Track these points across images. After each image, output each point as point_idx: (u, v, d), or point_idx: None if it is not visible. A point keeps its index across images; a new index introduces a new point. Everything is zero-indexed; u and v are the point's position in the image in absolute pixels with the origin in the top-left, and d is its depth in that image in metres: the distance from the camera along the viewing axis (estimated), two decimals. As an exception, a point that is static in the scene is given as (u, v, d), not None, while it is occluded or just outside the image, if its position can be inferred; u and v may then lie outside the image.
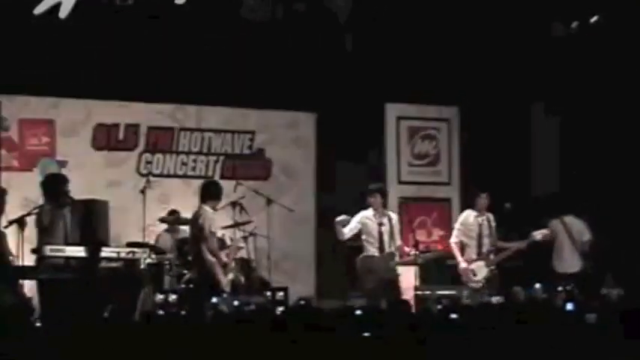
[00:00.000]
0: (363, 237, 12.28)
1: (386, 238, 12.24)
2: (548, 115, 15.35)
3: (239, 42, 13.82)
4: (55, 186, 11.69)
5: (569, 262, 13.00)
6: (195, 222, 12.02)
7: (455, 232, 12.77)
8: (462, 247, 12.69)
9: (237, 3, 13.73)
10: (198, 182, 13.94)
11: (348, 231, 12.24)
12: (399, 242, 12.36)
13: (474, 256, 12.57)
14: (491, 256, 12.58)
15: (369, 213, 12.32)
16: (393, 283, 12.15)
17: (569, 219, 13.10)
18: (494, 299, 11.97)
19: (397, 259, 12.29)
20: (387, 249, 12.21)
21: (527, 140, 15.45)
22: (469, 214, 12.75)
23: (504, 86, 14.83)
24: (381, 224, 12.26)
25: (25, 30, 12.75)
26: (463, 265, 12.47)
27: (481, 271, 12.53)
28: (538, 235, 12.64)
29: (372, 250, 12.22)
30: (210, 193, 12.15)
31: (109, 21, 12.96)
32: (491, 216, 12.67)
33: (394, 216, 12.47)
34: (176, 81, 13.83)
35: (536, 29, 14.41)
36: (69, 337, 6.21)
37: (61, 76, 13.23)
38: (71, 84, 13.41)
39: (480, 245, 12.62)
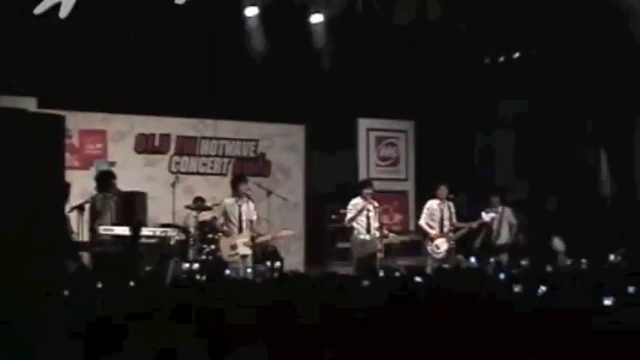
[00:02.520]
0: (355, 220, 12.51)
1: (371, 221, 12.36)
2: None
3: (250, 70, 13.93)
4: (105, 180, 11.86)
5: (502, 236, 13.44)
6: None
7: (422, 216, 13.00)
8: (428, 227, 12.91)
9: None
10: (215, 178, 14.20)
11: (347, 221, 12.52)
12: (377, 224, 12.32)
13: (437, 233, 12.93)
14: (451, 234, 12.85)
15: (359, 201, 12.40)
16: (375, 257, 12.36)
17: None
18: (445, 266, 12.21)
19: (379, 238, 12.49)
20: (372, 230, 12.34)
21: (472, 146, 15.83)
22: (433, 203, 12.96)
23: (450, 105, 15.02)
24: (368, 210, 12.41)
25: (84, 56, 12.83)
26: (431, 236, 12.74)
27: (443, 245, 12.81)
28: (486, 217, 12.95)
29: (361, 230, 12.32)
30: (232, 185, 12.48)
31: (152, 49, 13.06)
32: (451, 204, 12.95)
33: (377, 204, 12.67)
34: (198, 100, 13.96)
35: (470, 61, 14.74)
36: (117, 296, 6.40)
37: (110, 96, 13.35)
38: (118, 102, 13.54)
39: (441, 226, 12.83)
